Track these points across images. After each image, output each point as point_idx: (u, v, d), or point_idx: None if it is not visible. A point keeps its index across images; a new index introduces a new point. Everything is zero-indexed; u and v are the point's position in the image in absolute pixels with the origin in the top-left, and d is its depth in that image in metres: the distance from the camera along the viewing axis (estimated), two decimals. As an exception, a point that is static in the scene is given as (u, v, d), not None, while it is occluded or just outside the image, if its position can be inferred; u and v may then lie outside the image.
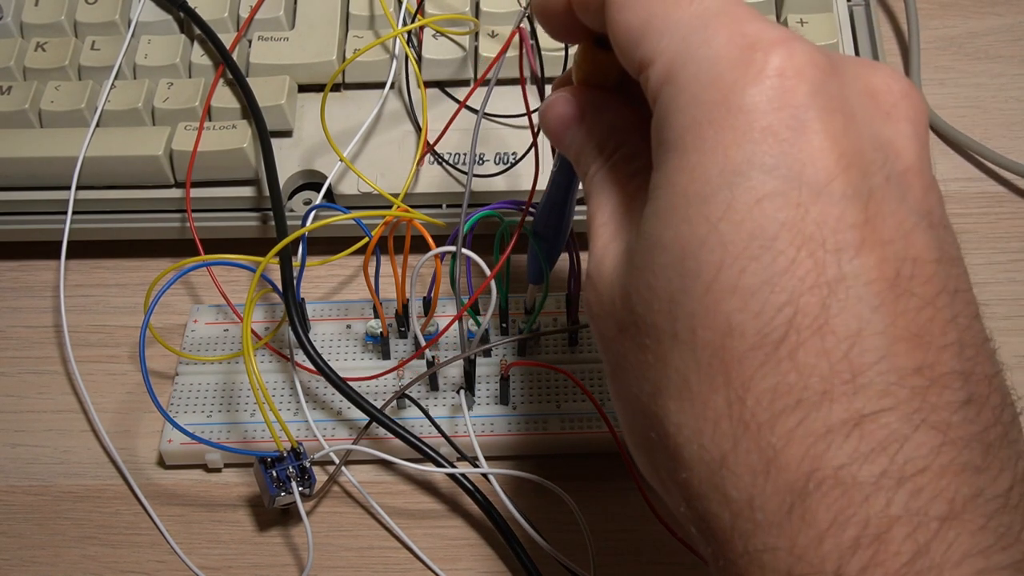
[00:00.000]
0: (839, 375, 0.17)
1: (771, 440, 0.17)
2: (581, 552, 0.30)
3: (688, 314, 0.18)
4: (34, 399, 0.35)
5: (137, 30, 0.39)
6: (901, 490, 0.16)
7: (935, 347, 0.17)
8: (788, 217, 0.17)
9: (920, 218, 0.18)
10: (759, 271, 0.17)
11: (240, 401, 0.33)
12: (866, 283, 0.17)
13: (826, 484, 0.17)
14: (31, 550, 0.31)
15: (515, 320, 0.34)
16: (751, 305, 0.17)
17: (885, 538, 0.16)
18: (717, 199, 0.18)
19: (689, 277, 0.18)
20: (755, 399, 0.17)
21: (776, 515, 0.17)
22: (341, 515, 0.32)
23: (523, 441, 0.32)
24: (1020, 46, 0.43)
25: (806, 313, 0.17)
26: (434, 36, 0.38)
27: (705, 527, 0.18)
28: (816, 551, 0.16)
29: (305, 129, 0.37)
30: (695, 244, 0.18)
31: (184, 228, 0.36)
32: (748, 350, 0.17)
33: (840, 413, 0.17)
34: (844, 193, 0.18)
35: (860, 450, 0.17)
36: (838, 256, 0.17)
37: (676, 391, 0.18)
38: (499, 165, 0.36)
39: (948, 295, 0.18)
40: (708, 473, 0.18)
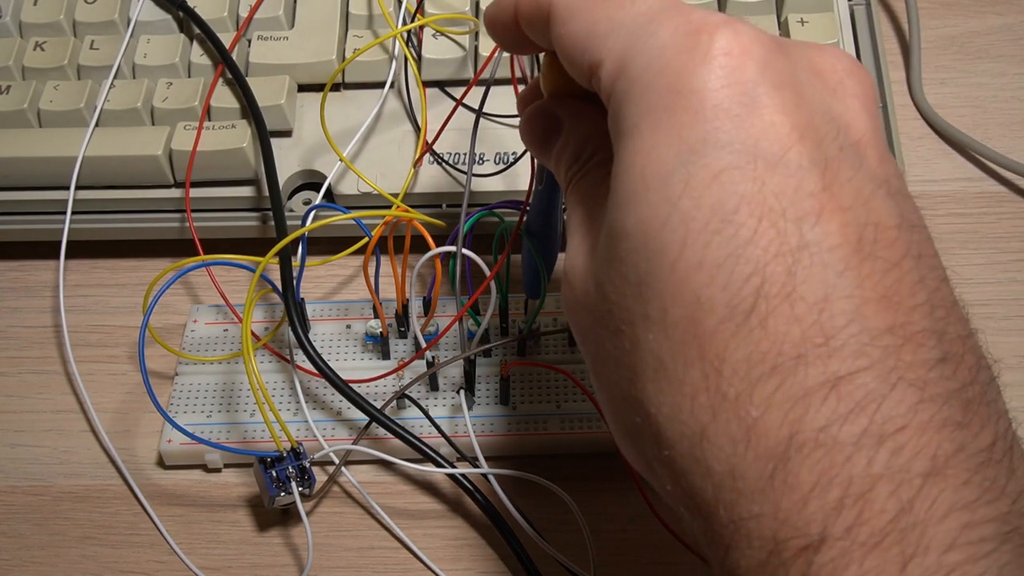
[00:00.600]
0: (811, 339, 0.17)
1: (749, 408, 0.17)
2: (581, 552, 0.30)
3: (657, 294, 0.18)
4: (34, 399, 0.35)
5: (136, 29, 0.39)
6: (882, 448, 0.16)
7: (905, 308, 0.17)
8: (747, 190, 0.18)
9: (877, 186, 0.19)
10: (723, 244, 0.18)
11: (240, 401, 0.33)
12: (829, 248, 0.17)
13: (807, 447, 0.17)
14: (31, 550, 0.31)
15: (515, 320, 0.34)
16: (718, 278, 0.18)
17: (869, 497, 0.16)
18: (675, 179, 0.18)
19: (654, 258, 0.18)
20: (731, 369, 0.17)
21: (758, 481, 0.17)
22: (341, 515, 0.32)
23: (523, 441, 0.32)
24: (1020, 46, 0.43)
25: (773, 281, 0.17)
26: (434, 36, 0.38)
27: (691, 503, 0.18)
28: (800, 514, 0.17)
29: (305, 129, 0.37)
30: (657, 225, 0.18)
31: (183, 228, 0.36)
32: (719, 323, 0.18)
33: (816, 376, 0.17)
34: (800, 163, 0.18)
35: (839, 411, 0.17)
36: (799, 224, 0.18)
37: (653, 372, 0.18)
38: (498, 165, 0.36)
39: (912, 259, 0.18)
40: (689, 447, 0.18)
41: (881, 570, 0.16)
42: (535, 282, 0.32)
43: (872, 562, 0.16)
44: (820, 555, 0.16)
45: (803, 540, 0.16)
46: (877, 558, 0.16)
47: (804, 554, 0.16)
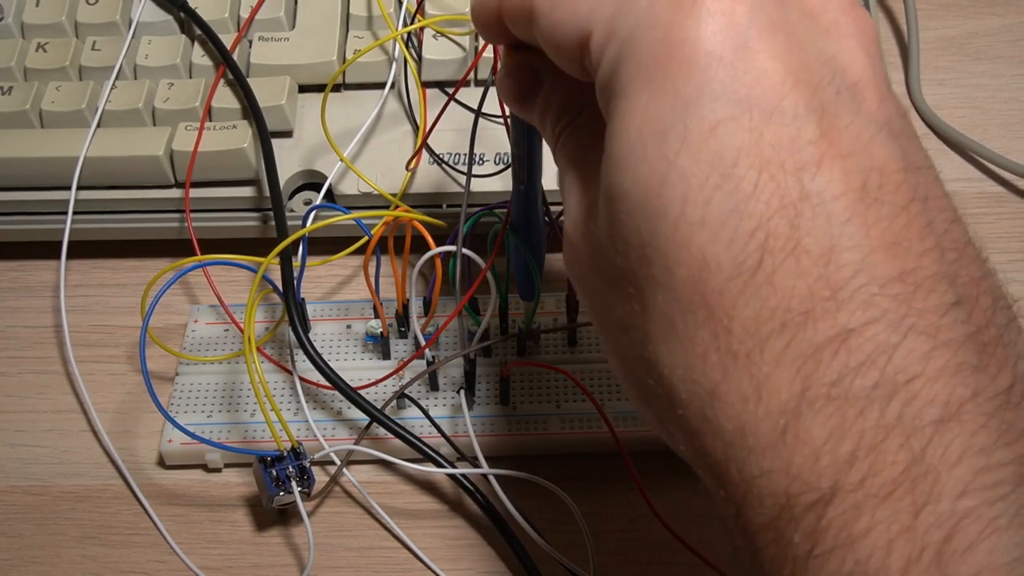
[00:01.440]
0: (819, 294, 0.17)
1: (760, 365, 0.17)
2: (581, 552, 0.30)
3: (661, 255, 0.18)
4: (34, 399, 0.35)
5: (138, 30, 0.39)
6: (895, 400, 0.16)
7: (914, 253, 0.17)
8: (744, 142, 0.17)
9: (878, 129, 0.18)
10: (724, 200, 0.17)
11: (240, 401, 0.33)
12: (833, 198, 0.17)
13: (819, 402, 0.16)
14: (31, 550, 0.31)
15: (515, 320, 0.34)
16: (722, 235, 0.17)
17: (881, 448, 0.16)
18: (672, 134, 0.18)
19: (656, 218, 0.18)
20: (740, 327, 0.17)
21: (769, 438, 0.17)
22: (341, 515, 0.32)
23: (523, 441, 0.32)
24: (1020, 46, 0.43)
25: (777, 236, 0.17)
26: (434, 36, 0.38)
27: (703, 462, 0.18)
28: (812, 469, 0.16)
29: (305, 129, 0.37)
30: (656, 183, 0.18)
31: (184, 228, 0.36)
32: (726, 280, 0.17)
33: (825, 331, 0.17)
34: (796, 112, 0.18)
35: (850, 365, 0.16)
36: (799, 175, 0.17)
37: (663, 333, 0.18)
38: (498, 165, 0.36)
39: (920, 202, 0.18)
40: (701, 407, 0.18)
41: (893, 520, 0.16)
42: (527, 282, 0.32)
43: (884, 512, 0.16)
44: (831, 508, 0.16)
45: (814, 494, 0.16)
46: (888, 508, 0.16)
47: (815, 508, 0.16)
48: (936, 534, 0.15)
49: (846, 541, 0.16)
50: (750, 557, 0.18)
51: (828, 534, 0.16)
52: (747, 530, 0.18)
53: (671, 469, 0.32)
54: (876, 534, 0.16)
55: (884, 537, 0.16)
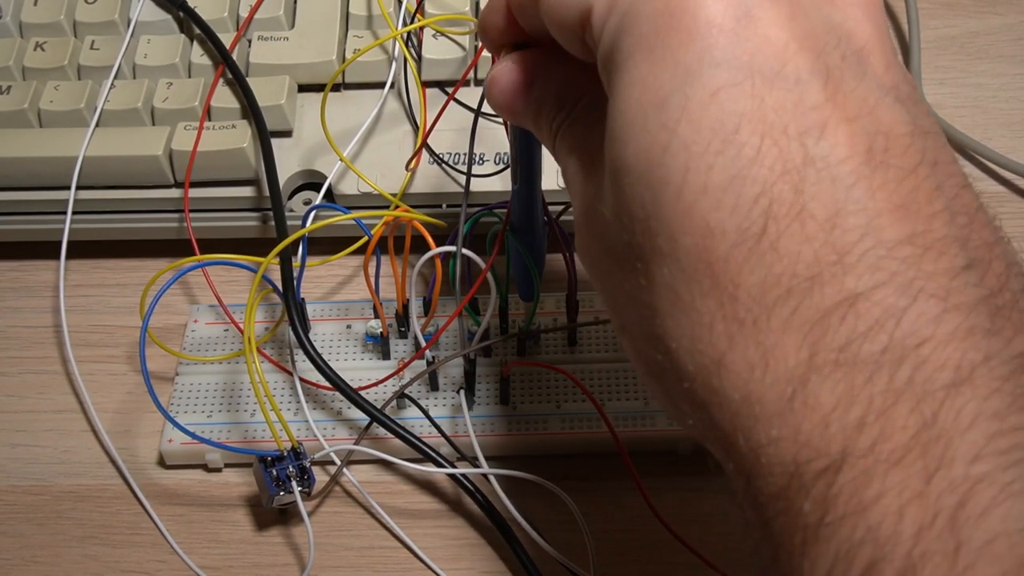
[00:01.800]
0: (825, 258, 0.17)
1: (766, 332, 0.17)
2: (581, 552, 0.30)
3: (665, 225, 0.18)
4: (34, 399, 0.35)
5: (137, 30, 0.39)
6: (904, 364, 0.16)
7: (923, 216, 0.17)
8: (745, 108, 0.17)
9: (884, 93, 0.18)
10: (727, 166, 0.17)
11: (240, 401, 0.33)
12: (837, 162, 0.17)
13: (827, 368, 0.16)
14: (31, 550, 0.31)
15: (515, 320, 0.34)
16: (725, 202, 0.17)
17: (890, 414, 0.16)
18: (672, 103, 0.18)
19: (658, 188, 0.18)
20: (746, 295, 0.17)
21: (776, 405, 0.17)
22: (341, 515, 0.32)
23: (523, 441, 0.32)
24: (1020, 46, 0.43)
25: (781, 201, 0.17)
26: (434, 36, 0.38)
27: (712, 435, 0.18)
28: (821, 435, 0.16)
29: (305, 129, 0.37)
30: (658, 153, 0.18)
31: (184, 228, 0.36)
32: (730, 248, 0.17)
33: (832, 296, 0.16)
34: (799, 77, 0.17)
35: (858, 329, 0.16)
36: (803, 139, 0.17)
37: (670, 306, 0.18)
38: (498, 165, 0.36)
39: (928, 166, 0.17)
40: (708, 377, 0.18)
41: (904, 486, 0.15)
42: (526, 283, 0.32)
43: (895, 478, 0.15)
44: (841, 475, 0.16)
45: (824, 461, 0.16)
46: (900, 474, 0.15)
47: (825, 475, 0.16)
48: (949, 499, 0.15)
49: (857, 508, 0.16)
50: (761, 528, 0.17)
51: (839, 501, 0.16)
52: (757, 501, 0.17)
53: (671, 469, 0.32)
54: (887, 500, 0.15)
55: (896, 503, 0.15)
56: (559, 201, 0.35)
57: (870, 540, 0.15)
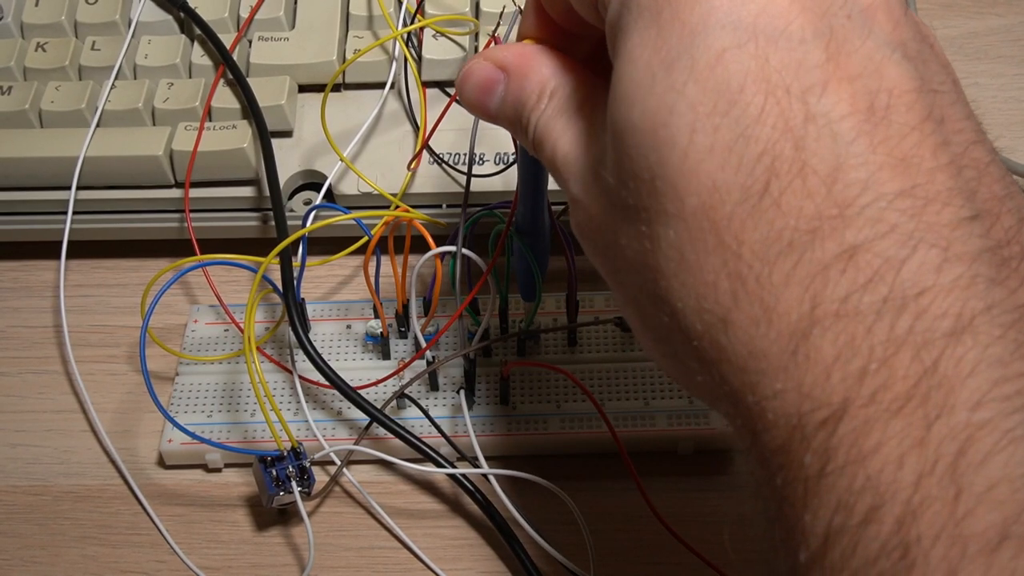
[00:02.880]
0: (826, 212, 0.17)
1: (769, 288, 0.17)
2: (581, 552, 0.30)
3: (671, 185, 0.18)
4: (34, 399, 0.35)
5: (137, 30, 0.39)
6: (904, 314, 0.16)
7: (925, 169, 0.17)
8: (749, 68, 0.17)
9: (892, 50, 0.18)
10: (732, 125, 0.17)
11: (240, 401, 0.33)
12: (839, 118, 0.17)
13: (827, 320, 0.16)
14: (31, 550, 0.31)
15: (515, 320, 0.34)
16: (730, 161, 0.17)
17: (891, 363, 0.16)
18: (680, 64, 0.18)
19: (665, 148, 0.18)
20: (749, 251, 0.17)
21: (780, 359, 0.17)
22: (341, 515, 0.32)
23: (523, 441, 0.32)
24: (1020, 46, 0.43)
25: (783, 158, 0.17)
26: (434, 36, 0.38)
27: (719, 391, 0.18)
28: (823, 387, 0.16)
29: (305, 129, 0.37)
30: (664, 113, 0.18)
31: (184, 228, 0.36)
32: (735, 206, 0.17)
33: (833, 248, 0.17)
34: (802, 36, 0.18)
35: (858, 281, 0.16)
36: (804, 97, 0.17)
37: (675, 266, 0.18)
38: (498, 165, 0.36)
39: (934, 122, 0.18)
40: (714, 335, 0.18)
41: (905, 434, 0.15)
42: (529, 284, 0.32)
43: (896, 427, 0.15)
44: (842, 425, 0.16)
45: (825, 411, 0.16)
46: (900, 422, 0.15)
47: (826, 425, 0.16)
48: (950, 446, 0.15)
49: (857, 457, 0.16)
50: (766, 485, 0.17)
51: (839, 451, 0.16)
52: (762, 456, 0.17)
53: (671, 469, 0.32)
54: (887, 449, 0.15)
55: (896, 451, 0.15)
56: (560, 201, 0.35)
57: (870, 488, 0.15)
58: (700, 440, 0.32)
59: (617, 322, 0.34)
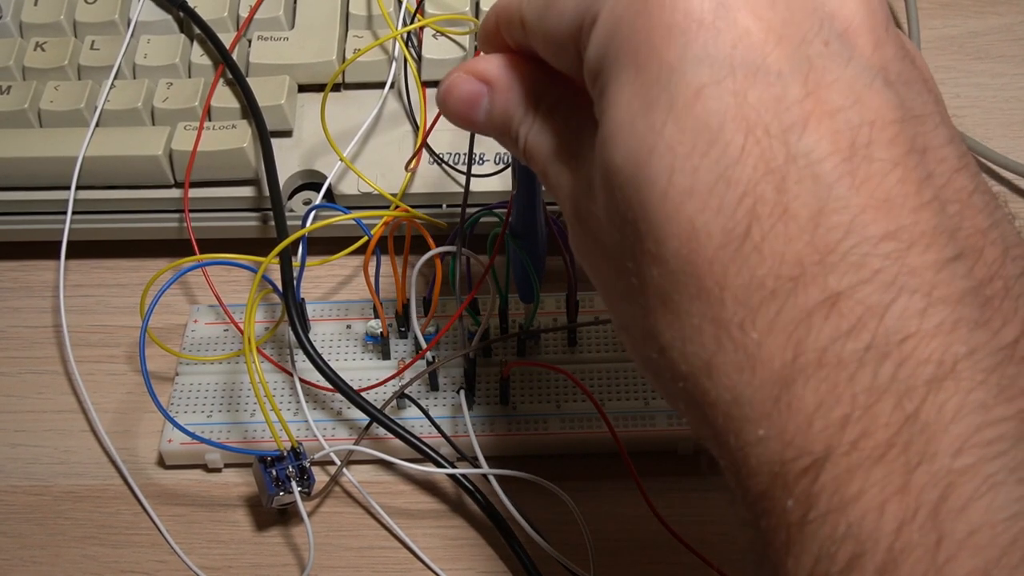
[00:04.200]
0: (807, 258, 0.16)
1: (752, 335, 0.17)
2: (581, 552, 0.30)
3: (653, 228, 0.18)
4: (34, 399, 0.35)
5: (137, 30, 0.39)
6: (887, 361, 0.16)
7: (908, 208, 0.17)
8: (728, 105, 0.17)
9: (872, 77, 0.17)
10: (711, 167, 0.17)
11: (240, 401, 0.33)
12: (819, 159, 0.17)
13: (810, 368, 0.16)
14: (31, 550, 0.31)
15: (515, 320, 0.34)
16: (710, 203, 0.17)
17: (873, 411, 0.16)
18: (659, 104, 0.17)
19: (645, 190, 0.18)
20: (732, 297, 0.17)
21: (763, 406, 0.17)
22: (341, 515, 0.32)
23: (523, 441, 0.32)
24: (1020, 46, 0.43)
25: (764, 201, 0.17)
26: (434, 36, 0.38)
27: (706, 433, 0.18)
28: (805, 435, 0.16)
29: (305, 129, 0.37)
30: (644, 155, 0.18)
31: (184, 228, 0.36)
32: (716, 250, 0.17)
33: (815, 295, 0.16)
34: (779, 70, 0.17)
35: (841, 328, 0.16)
36: (784, 137, 0.17)
37: (660, 307, 0.18)
38: (498, 165, 0.36)
39: (917, 154, 0.17)
40: (698, 378, 0.18)
41: (886, 481, 0.15)
42: (526, 284, 0.32)
43: (877, 474, 0.15)
44: (824, 473, 0.16)
45: (807, 459, 0.16)
46: (882, 469, 0.15)
47: (808, 473, 0.16)
48: (931, 493, 0.15)
49: (838, 505, 0.16)
50: (752, 527, 0.17)
51: (821, 499, 0.16)
52: (746, 499, 0.17)
53: (671, 469, 0.32)
54: (869, 496, 0.15)
55: (877, 499, 0.15)
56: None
57: (851, 536, 0.15)
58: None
59: (617, 322, 0.34)
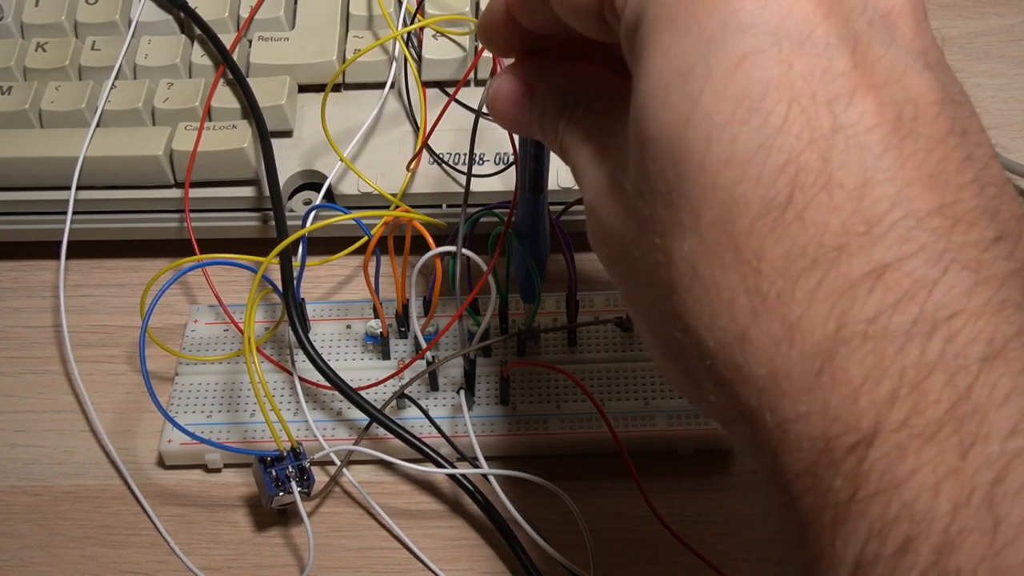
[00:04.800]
0: (853, 228, 0.16)
1: (791, 306, 0.16)
2: (581, 552, 0.30)
3: (687, 199, 0.17)
4: (34, 399, 0.35)
5: (137, 30, 0.39)
6: (935, 336, 0.15)
7: (952, 186, 0.16)
8: (773, 74, 0.17)
9: (913, 59, 0.17)
10: (751, 135, 0.17)
11: (240, 401, 0.33)
12: (866, 130, 0.17)
13: (855, 340, 0.16)
14: (31, 550, 0.31)
15: (515, 320, 0.34)
16: (750, 172, 0.17)
17: (923, 387, 0.15)
18: (695, 73, 0.17)
19: (681, 160, 0.17)
20: (769, 267, 0.17)
21: (804, 380, 0.16)
22: (341, 515, 0.32)
23: (523, 441, 0.32)
24: (1020, 46, 0.43)
25: (808, 170, 0.16)
26: (434, 36, 0.38)
27: (736, 412, 0.18)
28: (851, 410, 0.16)
29: (305, 129, 0.37)
30: (680, 125, 0.17)
31: (184, 228, 0.36)
32: (755, 219, 0.17)
33: (860, 267, 0.16)
34: (828, 42, 0.17)
35: (887, 301, 0.16)
36: (831, 107, 0.17)
37: (688, 281, 0.18)
38: (498, 165, 0.36)
39: (958, 135, 0.17)
40: (730, 354, 0.17)
41: (939, 461, 0.15)
42: (528, 286, 0.32)
43: (929, 453, 0.15)
44: (873, 450, 0.15)
45: (854, 436, 0.16)
46: (934, 449, 0.15)
47: (856, 450, 0.16)
48: (985, 475, 0.15)
49: (890, 484, 0.15)
50: (787, 508, 0.17)
51: (871, 477, 0.15)
52: (783, 479, 0.17)
53: (671, 469, 0.32)
54: (922, 476, 0.15)
55: (931, 479, 0.15)
56: (559, 201, 0.35)
57: (905, 517, 0.15)
58: (700, 440, 0.32)
59: (617, 322, 0.34)
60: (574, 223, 0.35)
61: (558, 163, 0.35)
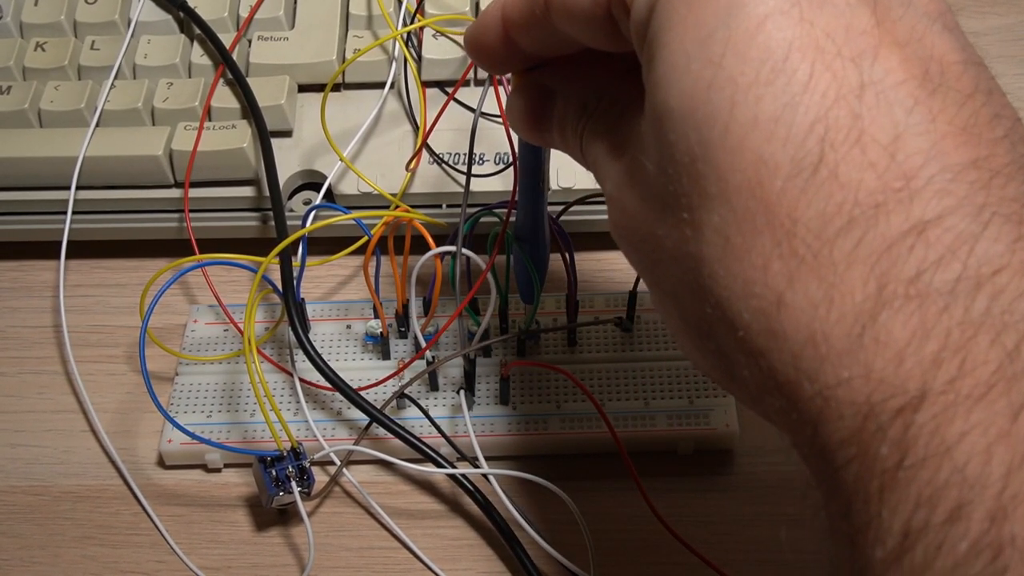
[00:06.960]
0: (889, 184, 0.16)
1: (829, 266, 0.16)
2: (581, 552, 0.30)
3: (713, 165, 0.17)
4: (34, 399, 0.35)
5: (137, 30, 0.39)
6: (980, 294, 0.15)
7: (986, 140, 0.16)
8: (795, 34, 0.17)
9: (932, 21, 0.17)
10: (777, 95, 0.16)
11: (240, 401, 0.33)
12: (895, 84, 0.16)
13: (898, 300, 0.15)
14: (31, 550, 0.31)
15: (515, 320, 0.34)
16: (777, 133, 0.16)
17: (970, 347, 0.15)
18: (716, 37, 0.17)
19: (704, 127, 0.17)
20: (804, 229, 0.16)
21: (844, 343, 0.16)
22: (341, 515, 0.32)
23: (523, 441, 0.32)
24: (1020, 46, 0.43)
25: (839, 127, 0.16)
26: (434, 36, 0.38)
27: (770, 384, 0.17)
28: (896, 372, 0.15)
29: (305, 129, 0.37)
30: (702, 91, 0.17)
31: (184, 228, 0.36)
32: (786, 180, 0.16)
33: (899, 224, 0.16)
34: (848, 2, 0.17)
35: (929, 259, 0.15)
36: (857, 63, 0.16)
37: (719, 252, 0.17)
38: (498, 165, 0.36)
39: (984, 94, 0.17)
40: (765, 322, 0.17)
41: (990, 423, 0.14)
42: (528, 287, 0.32)
43: (979, 415, 0.15)
44: (921, 413, 0.15)
45: (901, 399, 0.15)
46: (984, 411, 0.15)
47: (903, 414, 0.15)
48: None
49: (940, 448, 0.15)
50: (828, 479, 0.16)
51: (919, 442, 0.15)
52: (825, 450, 0.16)
53: (671, 469, 0.32)
54: (972, 439, 0.14)
55: (982, 442, 0.14)
56: (559, 201, 0.35)
57: (955, 482, 0.14)
58: (700, 440, 0.32)
59: (617, 322, 0.34)
60: (574, 223, 0.35)
61: (558, 163, 0.35)
